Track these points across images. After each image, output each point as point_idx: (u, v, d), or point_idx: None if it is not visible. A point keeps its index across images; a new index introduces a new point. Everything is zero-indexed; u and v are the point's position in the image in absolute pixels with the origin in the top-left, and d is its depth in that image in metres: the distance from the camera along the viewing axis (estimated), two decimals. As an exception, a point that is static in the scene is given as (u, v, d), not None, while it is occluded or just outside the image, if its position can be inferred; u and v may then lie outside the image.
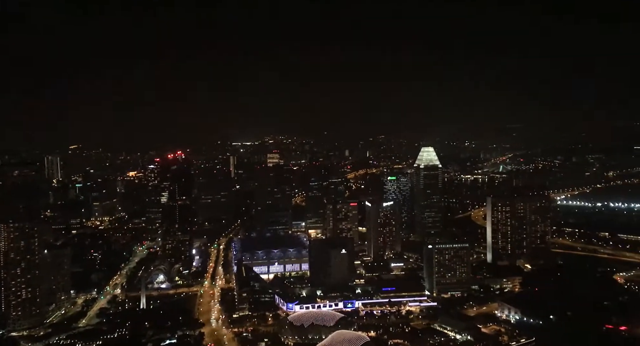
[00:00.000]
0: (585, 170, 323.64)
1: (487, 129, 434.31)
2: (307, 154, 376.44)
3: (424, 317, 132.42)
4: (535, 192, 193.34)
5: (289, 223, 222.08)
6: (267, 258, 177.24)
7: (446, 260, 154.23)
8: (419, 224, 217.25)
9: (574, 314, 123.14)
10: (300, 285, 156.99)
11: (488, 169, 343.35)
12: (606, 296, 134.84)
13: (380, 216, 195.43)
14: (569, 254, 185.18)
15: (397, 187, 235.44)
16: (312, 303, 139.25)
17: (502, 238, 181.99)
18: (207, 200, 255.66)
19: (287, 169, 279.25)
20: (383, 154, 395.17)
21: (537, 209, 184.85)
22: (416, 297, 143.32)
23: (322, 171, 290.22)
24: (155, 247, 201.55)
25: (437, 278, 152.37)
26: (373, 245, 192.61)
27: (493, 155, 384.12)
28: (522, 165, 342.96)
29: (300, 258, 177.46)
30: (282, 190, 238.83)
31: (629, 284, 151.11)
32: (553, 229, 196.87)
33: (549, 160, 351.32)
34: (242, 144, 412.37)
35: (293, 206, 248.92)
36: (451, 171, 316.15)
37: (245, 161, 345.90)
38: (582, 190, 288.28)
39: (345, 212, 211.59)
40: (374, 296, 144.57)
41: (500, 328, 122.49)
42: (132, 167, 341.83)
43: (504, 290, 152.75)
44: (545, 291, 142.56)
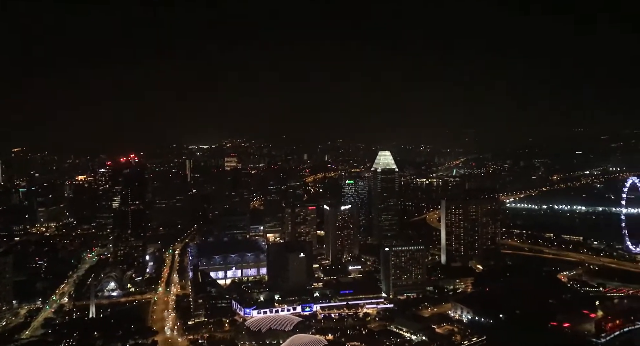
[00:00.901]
0: (532, 174, 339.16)
1: (441, 133, 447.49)
2: (265, 157, 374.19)
3: (381, 319, 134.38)
4: (486, 195, 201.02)
5: (246, 227, 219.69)
6: (224, 263, 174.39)
7: (402, 262, 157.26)
8: (376, 227, 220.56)
9: (522, 312, 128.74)
10: (258, 290, 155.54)
11: (442, 172, 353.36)
12: (551, 295, 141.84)
13: (339, 220, 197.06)
14: (517, 255, 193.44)
15: (355, 190, 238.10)
16: (269, 308, 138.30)
17: (456, 240, 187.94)
18: (162, 204, 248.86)
19: (245, 173, 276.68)
20: (341, 158, 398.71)
21: (488, 211, 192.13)
22: (373, 299, 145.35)
23: (281, 174, 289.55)
24: (106, 253, 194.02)
25: (394, 280, 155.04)
26: (331, 248, 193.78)
27: (447, 159, 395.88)
28: (474, 169, 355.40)
29: (258, 262, 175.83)
30: (239, 194, 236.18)
31: (571, 282, 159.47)
32: (502, 230, 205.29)
33: (499, 164, 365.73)
34: (199, 147, 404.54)
35: (251, 210, 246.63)
36: (407, 175, 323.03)
37: (202, 164, 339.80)
38: (529, 193, 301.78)
39: (303, 216, 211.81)
40: (332, 299, 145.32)
41: (453, 327, 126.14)
42: (82, 171, 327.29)
43: (457, 291, 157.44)
44: (496, 290, 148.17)
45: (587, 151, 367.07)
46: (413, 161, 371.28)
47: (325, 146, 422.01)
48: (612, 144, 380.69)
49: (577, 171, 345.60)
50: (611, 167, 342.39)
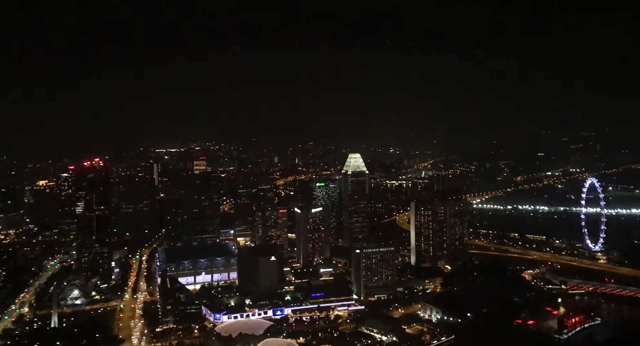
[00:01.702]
0: (497, 175, 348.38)
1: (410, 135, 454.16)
2: (235, 161, 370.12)
3: (352, 321, 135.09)
4: (454, 196, 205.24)
5: (216, 231, 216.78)
6: (193, 268, 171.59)
7: (373, 264, 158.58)
8: (347, 230, 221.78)
9: (489, 311, 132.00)
10: (228, 295, 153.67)
11: (411, 174, 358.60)
12: (516, 293, 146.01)
13: (310, 223, 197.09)
14: (484, 255, 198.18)
15: (325, 193, 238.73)
16: (240, 313, 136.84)
17: (425, 241, 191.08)
18: (129, 209, 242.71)
19: (214, 176, 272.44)
20: (312, 161, 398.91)
21: (456, 212, 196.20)
22: (344, 301, 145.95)
23: (251, 177, 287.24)
24: (69, 261, 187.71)
25: (365, 282, 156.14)
26: (302, 251, 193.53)
27: (416, 161, 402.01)
28: (442, 171, 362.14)
29: (229, 266, 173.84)
30: (209, 198, 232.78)
31: (535, 281, 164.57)
32: (470, 231, 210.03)
33: (466, 165, 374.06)
34: (167, 150, 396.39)
35: (221, 213, 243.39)
36: (377, 177, 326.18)
37: (170, 168, 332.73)
38: (494, 194, 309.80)
39: (274, 219, 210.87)
40: (303, 303, 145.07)
41: (423, 327, 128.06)
42: (43, 175, 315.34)
43: (427, 291, 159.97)
44: (464, 290, 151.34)
45: (548, 152, 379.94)
46: (383, 164, 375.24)
47: (296, 149, 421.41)
48: (571, 146, 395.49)
49: (539, 172, 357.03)
50: (571, 169, 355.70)
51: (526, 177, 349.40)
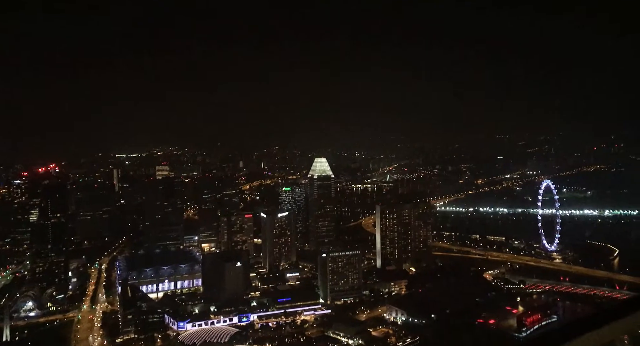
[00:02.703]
0: (459, 178, 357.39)
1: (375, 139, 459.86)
2: (199, 165, 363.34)
3: (318, 325, 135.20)
4: (418, 199, 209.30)
5: (180, 238, 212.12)
6: (156, 276, 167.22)
7: (339, 268, 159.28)
8: (313, 234, 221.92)
9: (452, 311, 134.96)
10: (192, 302, 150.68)
11: (377, 178, 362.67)
12: (478, 293, 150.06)
13: (276, 227, 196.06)
14: (447, 256, 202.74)
15: (291, 197, 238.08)
16: (205, 320, 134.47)
17: (390, 244, 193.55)
18: (87, 217, 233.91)
19: (178, 182, 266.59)
20: (278, 165, 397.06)
21: (420, 215, 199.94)
22: (311, 306, 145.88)
23: (216, 183, 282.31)
24: (23, 271, 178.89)
25: (331, 286, 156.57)
26: (269, 256, 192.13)
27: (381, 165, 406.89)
28: (407, 174, 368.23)
29: (193, 273, 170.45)
30: (172, 204, 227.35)
31: (495, 281, 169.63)
32: (433, 233, 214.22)
33: (429, 169, 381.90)
34: (127, 156, 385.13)
35: (185, 219, 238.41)
36: (343, 181, 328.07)
37: (131, 174, 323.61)
38: (457, 196, 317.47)
39: (240, 224, 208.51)
40: (269, 308, 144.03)
41: (388, 329, 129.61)
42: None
43: (392, 293, 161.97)
44: (428, 292, 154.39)
45: (507, 156, 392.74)
46: (348, 167, 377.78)
47: (261, 153, 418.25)
48: (528, 149, 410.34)
49: (499, 175, 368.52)
50: (528, 171, 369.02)
51: (486, 180, 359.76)
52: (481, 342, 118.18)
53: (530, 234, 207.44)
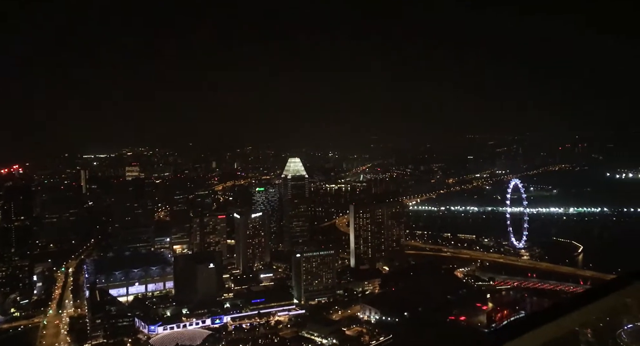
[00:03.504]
0: (430, 178, 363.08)
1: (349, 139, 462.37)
2: (170, 166, 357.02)
3: (293, 325, 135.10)
4: (391, 199, 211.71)
5: (151, 240, 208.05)
6: (125, 279, 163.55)
7: (313, 268, 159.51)
8: (287, 234, 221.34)
9: (424, 309, 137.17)
10: (164, 305, 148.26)
11: (350, 178, 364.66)
12: (449, 291, 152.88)
13: (249, 228, 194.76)
14: (419, 255, 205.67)
15: (265, 198, 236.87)
16: (177, 323, 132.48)
17: (364, 243, 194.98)
18: (53, 219, 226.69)
19: (148, 183, 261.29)
20: (251, 165, 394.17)
21: (393, 214, 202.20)
22: (285, 306, 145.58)
23: (188, 183, 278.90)
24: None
25: (305, 286, 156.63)
26: (242, 257, 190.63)
27: (354, 165, 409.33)
28: (380, 174, 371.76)
29: (164, 276, 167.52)
30: (143, 205, 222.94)
31: (466, 278, 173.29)
32: (406, 232, 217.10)
33: (401, 169, 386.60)
34: (96, 156, 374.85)
35: (156, 221, 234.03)
36: (317, 181, 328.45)
37: (100, 175, 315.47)
38: (428, 196, 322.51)
39: (213, 225, 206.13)
40: (243, 310, 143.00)
41: (362, 329, 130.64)
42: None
43: (366, 292, 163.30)
44: (401, 290, 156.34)
45: (477, 156, 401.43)
46: (322, 167, 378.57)
47: (234, 154, 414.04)
48: (497, 149, 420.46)
49: (469, 174, 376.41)
50: (497, 171, 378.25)
51: (457, 179, 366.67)
52: (452, 338, 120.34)
53: (500, 232, 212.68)
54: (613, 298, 4.83)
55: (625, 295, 5.04)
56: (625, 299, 5.17)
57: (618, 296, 4.92)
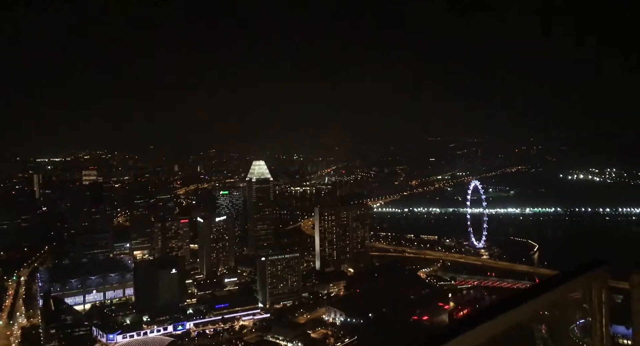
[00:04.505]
0: (394, 180, 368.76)
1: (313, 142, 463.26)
2: (130, 169, 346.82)
3: (258, 330, 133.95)
4: (356, 201, 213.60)
5: (110, 246, 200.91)
6: (82, 287, 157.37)
7: (278, 271, 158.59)
8: (252, 237, 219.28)
9: (388, 310, 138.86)
10: (123, 312, 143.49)
11: (315, 180, 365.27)
12: (412, 291, 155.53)
13: (213, 232, 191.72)
14: (383, 256, 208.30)
15: (229, 201, 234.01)
16: (137, 331, 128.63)
17: (329, 245, 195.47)
18: (3, 226, 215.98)
19: (107, 187, 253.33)
20: (215, 169, 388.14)
21: (358, 216, 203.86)
22: (250, 311, 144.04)
23: (149, 187, 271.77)
24: None
25: (270, 289, 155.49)
26: (206, 262, 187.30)
27: (319, 167, 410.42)
28: (344, 176, 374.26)
29: (124, 282, 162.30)
30: (101, 210, 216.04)
31: (429, 278, 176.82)
32: (371, 234, 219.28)
33: (366, 171, 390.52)
34: (50, 160, 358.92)
35: (115, 226, 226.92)
36: (282, 184, 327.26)
37: (54, 179, 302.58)
38: (392, 198, 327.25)
39: (175, 229, 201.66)
40: (206, 315, 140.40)
41: (327, 331, 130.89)
42: None
43: (331, 295, 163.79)
44: (365, 292, 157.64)
45: (438, 158, 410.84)
46: (287, 170, 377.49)
47: (197, 157, 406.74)
48: (457, 151, 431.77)
49: (431, 176, 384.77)
50: (458, 173, 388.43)
51: (420, 181, 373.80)
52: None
53: (461, 232, 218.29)
54: (556, 293, 4.97)
55: (570, 290, 5.19)
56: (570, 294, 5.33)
57: (562, 291, 5.06)
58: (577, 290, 5.30)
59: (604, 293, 5.27)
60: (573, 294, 5.52)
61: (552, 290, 4.96)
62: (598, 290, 5.26)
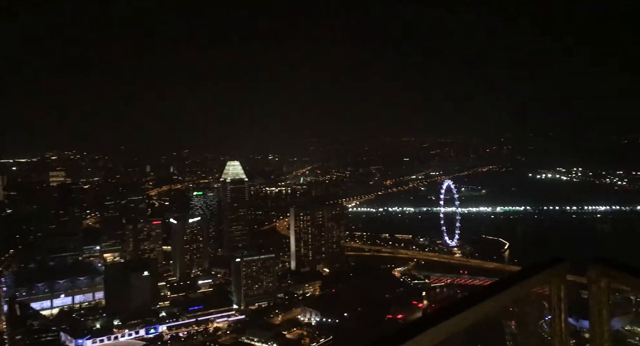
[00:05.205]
0: (369, 179, 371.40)
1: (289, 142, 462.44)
2: (100, 170, 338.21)
3: (232, 331, 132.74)
4: (331, 201, 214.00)
5: (78, 249, 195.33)
6: (50, 291, 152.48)
7: (253, 272, 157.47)
8: (226, 239, 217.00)
9: (363, 309, 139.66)
10: (93, 317, 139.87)
11: (290, 181, 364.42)
12: (387, 290, 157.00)
13: (187, 233, 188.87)
14: (359, 256, 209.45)
15: (204, 202, 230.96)
16: (107, 335, 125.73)
17: (304, 246, 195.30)
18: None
19: (75, 188, 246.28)
20: (189, 169, 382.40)
21: (333, 216, 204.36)
22: (224, 312, 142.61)
23: (120, 188, 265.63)
24: None
25: (245, 291, 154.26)
26: (179, 264, 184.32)
27: (294, 167, 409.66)
28: (320, 176, 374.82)
29: (94, 286, 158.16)
30: (70, 212, 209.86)
31: (403, 277, 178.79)
32: (346, 234, 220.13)
33: (341, 171, 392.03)
34: (15, 161, 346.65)
35: (85, 228, 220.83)
36: (257, 184, 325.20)
37: (20, 180, 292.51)
38: (367, 197, 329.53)
39: (147, 231, 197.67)
40: (179, 318, 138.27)
41: (303, 331, 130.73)
42: None
43: (307, 295, 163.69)
44: (341, 291, 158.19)
45: (412, 158, 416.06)
46: (262, 171, 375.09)
47: (170, 157, 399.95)
48: (431, 151, 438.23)
49: (405, 176, 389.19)
50: (432, 172, 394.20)
51: (394, 181, 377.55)
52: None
53: (434, 231, 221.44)
54: (515, 291, 5.05)
55: (530, 287, 5.27)
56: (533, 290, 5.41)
57: (522, 288, 5.14)
58: (537, 287, 5.40)
59: (562, 289, 5.39)
60: (540, 290, 5.60)
61: (511, 288, 5.05)
62: (557, 285, 5.38)
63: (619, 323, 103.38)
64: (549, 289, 5.40)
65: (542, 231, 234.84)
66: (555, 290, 5.37)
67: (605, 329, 5.16)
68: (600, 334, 5.23)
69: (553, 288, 5.38)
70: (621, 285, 5.14)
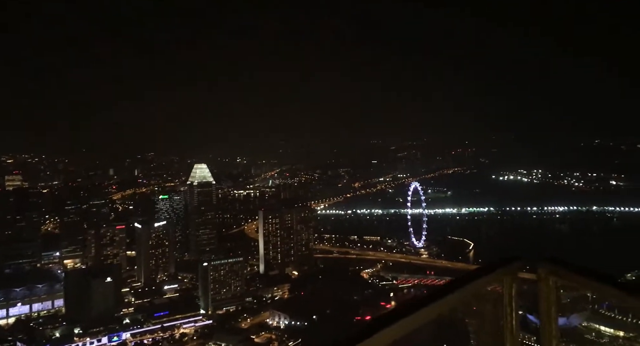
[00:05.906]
0: (338, 182, 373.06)
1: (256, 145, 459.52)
2: (60, 174, 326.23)
3: (199, 337, 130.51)
4: (300, 203, 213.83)
5: (37, 255, 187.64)
6: (5, 300, 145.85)
7: (221, 276, 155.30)
8: (193, 243, 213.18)
9: (332, 311, 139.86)
10: (52, 325, 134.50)
11: (259, 183, 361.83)
12: (356, 292, 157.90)
13: (152, 238, 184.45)
14: (328, 258, 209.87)
15: (170, 206, 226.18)
16: (68, 344, 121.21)
17: (273, 249, 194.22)
18: None
19: (33, 193, 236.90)
20: (154, 172, 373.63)
21: (302, 219, 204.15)
22: (191, 318, 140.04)
23: (81, 192, 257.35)
24: None
25: (213, 295, 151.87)
26: (144, 269, 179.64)
27: (263, 170, 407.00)
28: (288, 179, 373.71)
29: (53, 293, 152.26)
30: (27, 217, 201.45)
31: (371, 279, 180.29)
32: (315, 236, 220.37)
33: (310, 173, 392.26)
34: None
35: (43, 234, 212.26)
36: (224, 187, 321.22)
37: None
38: (336, 200, 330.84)
39: (110, 236, 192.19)
40: (144, 324, 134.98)
41: (271, 335, 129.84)
42: None
43: (275, 298, 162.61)
44: (310, 294, 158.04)
45: (380, 160, 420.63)
46: (230, 173, 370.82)
47: (134, 160, 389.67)
48: (398, 154, 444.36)
49: (373, 178, 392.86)
50: (399, 174, 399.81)
51: (363, 183, 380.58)
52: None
53: (402, 232, 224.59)
54: (469, 289, 5.18)
55: (484, 285, 5.42)
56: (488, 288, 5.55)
57: (476, 286, 5.28)
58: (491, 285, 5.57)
59: (514, 286, 5.57)
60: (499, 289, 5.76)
61: (465, 287, 5.21)
62: (509, 283, 5.56)
63: (577, 319, 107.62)
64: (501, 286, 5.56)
65: (505, 231, 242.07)
66: (507, 288, 5.56)
67: (553, 325, 5.37)
68: (549, 330, 5.43)
69: (505, 285, 5.57)
70: (569, 283, 5.36)
